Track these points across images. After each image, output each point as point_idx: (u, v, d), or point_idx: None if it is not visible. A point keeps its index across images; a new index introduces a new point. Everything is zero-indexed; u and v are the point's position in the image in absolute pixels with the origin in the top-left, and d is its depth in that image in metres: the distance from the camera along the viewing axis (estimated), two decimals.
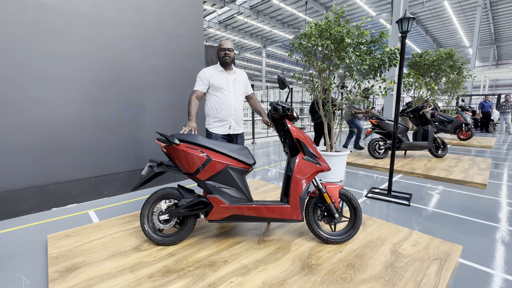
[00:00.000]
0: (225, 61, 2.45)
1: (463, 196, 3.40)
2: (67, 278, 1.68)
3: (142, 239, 2.17)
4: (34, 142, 2.83)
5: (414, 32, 20.40)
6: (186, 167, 1.97)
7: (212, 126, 2.50)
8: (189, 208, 1.97)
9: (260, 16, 17.33)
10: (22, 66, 2.71)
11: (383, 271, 1.73)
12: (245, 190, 2.04)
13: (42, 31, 2.79)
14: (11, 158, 2.73)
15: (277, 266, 1.80)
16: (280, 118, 2.09)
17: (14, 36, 2.64)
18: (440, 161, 5.18)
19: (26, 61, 2.73)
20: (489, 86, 28.68)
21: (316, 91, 3.95)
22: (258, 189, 3.46)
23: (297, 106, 14.83)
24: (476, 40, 16.04)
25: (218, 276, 1.69)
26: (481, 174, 4.16)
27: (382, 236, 2.20)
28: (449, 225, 2.59)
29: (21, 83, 2.72)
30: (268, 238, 2.18)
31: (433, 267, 1.78)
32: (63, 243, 2.12)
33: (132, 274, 1.72)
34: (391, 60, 3.60)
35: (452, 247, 2.02)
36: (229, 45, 2.45)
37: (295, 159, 2.00)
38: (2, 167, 2.69)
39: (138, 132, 3.59)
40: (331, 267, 1.78)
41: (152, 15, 3.57)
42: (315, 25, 3.51)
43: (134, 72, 3.48)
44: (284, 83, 2.05)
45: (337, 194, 2.04)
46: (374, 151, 5.35)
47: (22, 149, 2.78)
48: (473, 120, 11.08)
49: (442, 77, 7.23)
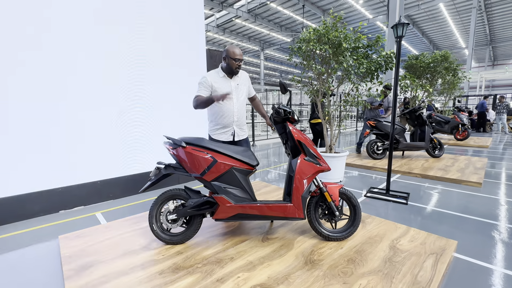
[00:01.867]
0: (236, 72, 2.37)
1: (459, 195, 3.51)
2: (82, 275, 1.76)
3: (150, 238, 2.26)
4: (42, 147, 2.92)
5: (411, 34, 20.66)
6: (193, 168, 2.06)
7: (215, 133, 2.46)
8: (196, 207, 2.06)
9: (258, 20, 17.52)
10: (24, 66, 2.81)
11: (382, 265, 1.83)
12: (249, 190, 2.13)
13: (43, 31, 2.89)
14: (21, 162, 2.81)
15: (281, 262, 1.89)
16: (282, 121, 2.19)
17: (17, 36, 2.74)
18: (437, 161, 5.30)
19: (27, 61, 2.83)
20: (485, 87, 28.97)
21: (314, 94, 4.06)
22: (260, 190, 3.55)
23: (295, 108, 14.96)
24: (472, 41, 16.27)
25: (226, 272, 1.78)
26: (477, 173, 4.27)
27: (381, 233, 2.29)
28: (446, 222, 2.69)
29: (21, 83, 2.82)
30: (272, 236, 2.27)
31: (429, 261, 1.87)
32: (74, 243, 2.20)
33: (144, 271, 1.81)
34: (387, 63, 3.72)
35: (447, 242, 2.12)
36: (241, 56, 2.34)
37: (297, 160, 2.10)
38: (12, 172, 2.77)
39: (140, 136, 3.68)
40: (332, 262, 1.87)
41: (153, 19, 3.67)
42: (313, 30, 3.63)
43: (137, 77, 3.57)
44: (285, 87, 2.16)
45: (337, 193, 2.14)
46: (373, 152, 5.46)
47: (30, 153, 2.86)
48: (469, 121, 11.23)
49: (438, 79, 7.37)
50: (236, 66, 2.31)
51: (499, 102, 11.01)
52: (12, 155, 2.75)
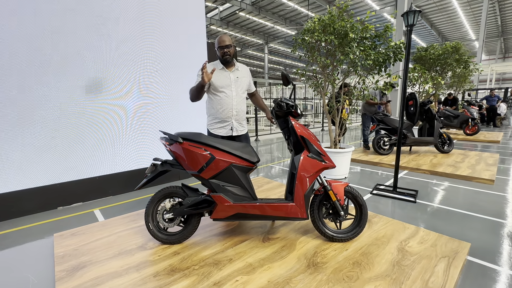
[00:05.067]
0: (226, 60, 2.27)
1: (470, 192, 3.36)
2: (74, 277, 1.69)
3: (147, 237, 2.18)
4: (40, 143, 2.85)
5: (419, 26, 20.07)
6: (190, 165, 1.96)
7: (213, 127, 2.39)
8: (193, 206, 1.96)
9: (262, 12, 17.17)
10: (24, 66, 2.72)
11: (390, 269, 1.71)
12: (249, 188, 2.03)
13: (44, 31, 2.79)
14: (18, 159, 2.75)
15: (282, 264, 1.79)
16: (284, 115, 2.06)
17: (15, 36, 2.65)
18: (446, 156, 5.12)
19: (28, 61, 2.73)
20: (495, 80, 28.19)
21: (320, 87, 3.90)
22: (262, 187, 3.45)
23: (300, 102, 14.74)
24: (483, 33, 15.72)
25: (224, 275, 1.68)
26: (489, 170, 4.09)
27: (388, 234, 2.17)
28: (456, 222, 2.56)
29: (22, 83, 2.73)
30: (273, 236, 2.17)
31: (441, 265, 1.75)
32: (69, 242, 2.13)
33: (138, 273, 1.73)
34: (396, 54, 3.54)
35: (460, 245, 1.99)
36: (227, 41, 2.24)
37: (300, 156, 1.98)
38: (9, 168, 2.71)
39: (142, 131, 3.59)
40: (336, 266, 1.76)
41: (153, 12, 3.54)
42: (318, 20, 3.46)
43: (137, 71, 3.47)
44: (288, 79, 2.02)
45: (342, 192, 2.02)
46: (379, 147, 5.30)
47: (28, 150, 2.79)
48: (479, 115, 10.91)
49: (448, 71, 7.10)
50: (222, 53, 2.27)
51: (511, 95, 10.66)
52: (10, 150, 2.68)
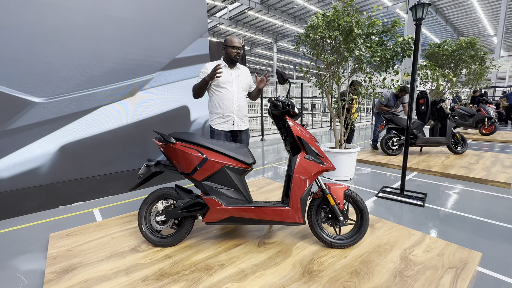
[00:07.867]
0: (235, 59, 2.37)
1: (484, 197, 3.16)
2: (62, 280, 1.66)
3: (140, 239, 2.14)
4: (41, 143, 2.87)
5: (433, 21, 19.41)
6: (182, 166, 1.90)
7: (216, 123, 2.44)
8: (186, 209, 1.91)
9: (271, 11, 17.04)
10: (24, 66, 2.73)
11: (391, 280, 1.60)
12: (243, 191, 1.95)
13: (44, 31, 2.79)
14: (21, 158, 2.77)
15: (276, 271, 1.70)
16: (281, 114, 1.97)
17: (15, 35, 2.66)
18: (459, 158, 4.87)
19: (28, 60, 2.75)
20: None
21: (324, 85, 3.78)
22: (262, 188, 3.37)
23: (308, 101, 14.51)
24: (502, 28, 15.00)
25: (213, 281, 1.62)
26: (505, 172, 3.86)
27: (392, 240, 2.05)
28: (468, 229, 2.39)
29: (23, 83, 2.75)
30: (269, 241, 2.08)
31: (447, 276, 1.62)
32: (63, 242, 2.12)
33: (127, 276, 1.68)
34: (405, 50, 3.37)
35: (470, 254, 1.84)
36: (240, 44, 2.36)
37: (296, 158, 1.88)
38: (13, 167, 2.74)
39: (142, 130, 3.58)
40: (333, 274, 1.66)
41: (154, 11, 3.51)
42: (322, 16, 3.33)
43: (137, 70, 3.45)
44: (284, 77, 1.93)
45: (341, 195, 1.91)
46: (387, 148, 5.11)
47: (31, 149, 2.82)
48: (497, 114, 10.42)
49: (462, 68, 6.78)
50: (234, 53, 2.35)
51: None
52: (11, 149, 2.71)
